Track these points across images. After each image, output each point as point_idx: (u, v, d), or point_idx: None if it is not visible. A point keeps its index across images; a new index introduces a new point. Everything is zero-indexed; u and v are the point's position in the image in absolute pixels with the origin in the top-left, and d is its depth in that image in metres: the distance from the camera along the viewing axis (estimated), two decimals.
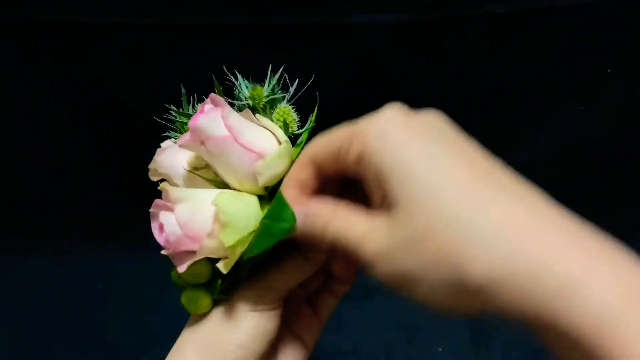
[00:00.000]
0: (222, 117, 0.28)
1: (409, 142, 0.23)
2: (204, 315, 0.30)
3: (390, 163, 0.22)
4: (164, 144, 0.32)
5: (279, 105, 0.32)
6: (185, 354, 0.30)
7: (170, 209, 0.27)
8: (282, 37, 0.50)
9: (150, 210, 0.28)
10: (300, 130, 0.32)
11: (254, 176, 0.28)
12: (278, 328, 0.31)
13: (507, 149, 0.58)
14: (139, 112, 0.56)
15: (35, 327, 0.57)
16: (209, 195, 0.27)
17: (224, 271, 0.27)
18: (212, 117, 0.27)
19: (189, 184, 0.30)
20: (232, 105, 0.31)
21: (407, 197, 0.21)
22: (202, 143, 0.27)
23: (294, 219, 0.26)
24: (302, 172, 0.26)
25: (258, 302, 0.30)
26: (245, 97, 0.31)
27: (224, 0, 0.48)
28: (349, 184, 0.27)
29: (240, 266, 0.28)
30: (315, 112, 0.32)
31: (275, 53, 0.51)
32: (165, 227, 0.27)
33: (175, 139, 0.32)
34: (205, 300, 0.30)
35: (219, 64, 0.55)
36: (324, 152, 0.25)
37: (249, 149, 0.28)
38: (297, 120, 0.32)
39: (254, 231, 0.27)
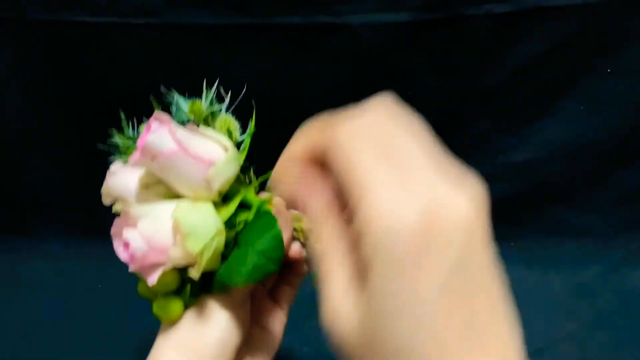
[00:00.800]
0: (170, 132, 0.29)
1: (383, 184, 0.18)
2: (179, 321, 0.32)
3: (355, 196, 0.18)
4: (112, 167, 0.33)
5: (219, 116, 0.33)
6: (165, 357, 0.31)
7: (133, 226, 0.28)
8: (282, 37, 0.50)
9: (112, 231, 0.30)
10: (242, 137, 0.34)
11: (208, 183, 0.29)
12: (249, 321, 0.33)
13: (507, 149, 0.58)
14: (139, 112, 0.55)
15: (35, 327, 0.57)
16: (168, 207, 0.29)
17: (196, 277, 0.29)
18: (160, 134, 0.29)
19: (143, 201, 0.31)
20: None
21: (379, 284, 0.18)
22: (153, 159, 0.29)
23: (281, 261, 0.30)
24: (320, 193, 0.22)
25: (228, 299, 0.31)
26: (185, 114, 0.33)
27: (224, 0, 0.48)
28: None
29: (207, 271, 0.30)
30: (253, 118, 0.33)
31: (275, 53, 0.51)
32: (132, 244, 0.28)
33: (123, 161, 0.34)
34: (177, 307, 0.31)
35: (219, 64, 0.55)
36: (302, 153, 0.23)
37: (199, 159, 0.29)
38: (239, 128, 0.34)
39: (216, 235, 0.29)
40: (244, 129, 0.34)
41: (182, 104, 0.34)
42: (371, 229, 0.18)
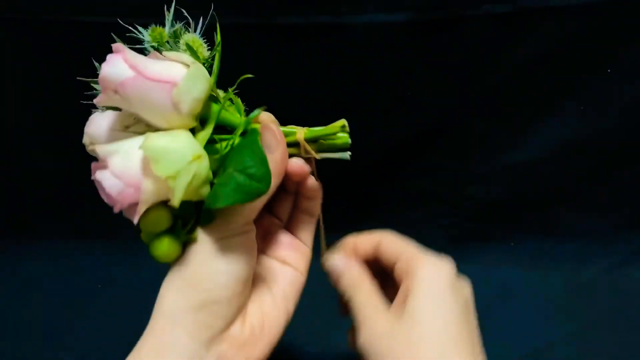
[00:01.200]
0: (125, 60, 0.27)
1: (442, 307, 0.30)
2: (178, 260, 0.30)
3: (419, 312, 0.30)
4: (91, 117, 0.32)
5: (183, 36, 0.31)
6: (170, 295, 0.30)
7: (105, 166, 0.27)
8: (283, 37, 0.50)
9: (92, 177, 0.28)
10: (212, 54, 0.32)
11: (175, 106, 0.27)
12: (256, 251, 0.31)
13: (507, 149, 0.58)
14: None
15: (35, 327, 0.57)
16: (138, 141, 0.27)
17: (176, 205, 0.27)
18: (115, 63, 0.27)
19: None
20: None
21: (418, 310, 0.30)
22: (115, 92, 0.27)
23: (270, 179, 0.27)
24: (365, 243, 0.35)
25: (228, 228, 0.30)
26: (148, 42, 0.31)
27: (224, 0, 0.48)
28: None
29: (199, 203, 0.28)
30: (218, 29, 0.32)
31: (276, 53, 0.51)
32: (104, 183, 0.26)
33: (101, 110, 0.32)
34: (173, 245, 0.29)
35: (219, 64, 0.55)
36: (385, 252, 0.34)
37: (160, 81, 0.27)
38: (205, 45, 0.32)
39: (194, 160, 0.27)
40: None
41: (144, 32, 0.32)
42: (423, 274, 0.31)
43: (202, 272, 0.29)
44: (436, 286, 0.30)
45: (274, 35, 0.50)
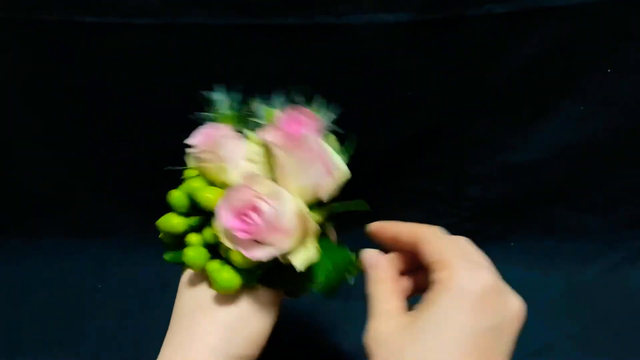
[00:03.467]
0: (318, 134, 0.32)
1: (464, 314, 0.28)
2: (229, 299, 0.33)
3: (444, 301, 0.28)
4: (220, 129, 0.34)
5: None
6: (215, 331, 0.32)
7: (263, 199, 0.30)
8: (282, 37, 0.50)
9: (236, 195, 0.30)
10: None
11: (318, 189, 0.33)
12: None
13: (507, 149, 0.58)
14: (140, 112, 0.56)
15: (35, 327, 0.57)
16: (295, 201, 0.32)
17: (302, 268, 0.31)
18: (311, 132, 0.32)
19: (243, 172, 0.33)
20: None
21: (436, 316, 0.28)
22: (292, 149, 0.31)
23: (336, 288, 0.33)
24: (406, 236, 0.33)
25: (276, 299, 0.34)
26: (262, 118, 0.35)
27: (224, 0, 0.48)
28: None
29: (282, 266, 0.32)
30: (348, 147, 0.35)
31: (276, 53, 0.51)
32: (265, 215, 0.30)
33: (214, 120, 0.35)
34: (236, 282, 0.32)
35: (219, 64, 0.55)
36: (423, 252, 0.32)
37: (327, 168, 0.32)
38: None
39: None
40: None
41: (259, 108, 0.36)
42: (450, 284, 0.28)
43: (248, 327, 0.32)
44: (458, 302, 0.28)
45: (274, 35, 0.50)
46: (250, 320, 0.32)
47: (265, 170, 0.33)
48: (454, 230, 0.41)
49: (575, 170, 0.58)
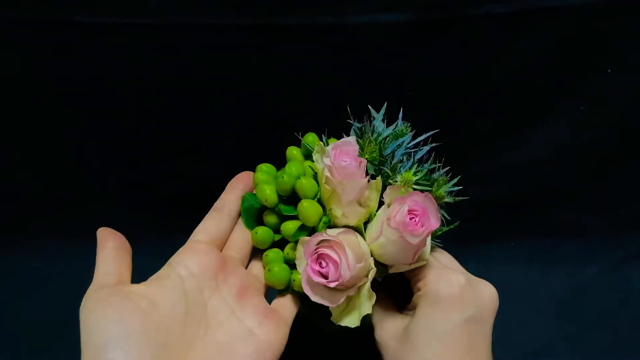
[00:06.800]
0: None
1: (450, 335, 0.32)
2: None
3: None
4: (357, 159, 0.34)
5: (403, 171, 0.37)
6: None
7: (344, 250, 0.31)
8: (282, 37, 0.50)
9: (309, 246, 0.32)
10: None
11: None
12: None
13: (507, 149, 0.58)
14: (140, 112, 0.56)
15: (36, 327, 0.57)
16: (365, 244, 0.34)
17: (356, 325, 0.34)
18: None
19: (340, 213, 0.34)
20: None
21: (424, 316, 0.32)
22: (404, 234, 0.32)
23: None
24: None
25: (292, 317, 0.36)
26: (400, 176, 0.36)
27: (224, 0, 0.48)
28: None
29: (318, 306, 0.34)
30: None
31: (276, 53, 0.51)
32: (343, 267, 0.31)
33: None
34: (286, 274, 0.35)
35: (219, 64, 0.55)
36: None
37: (414, 255, 0.33)
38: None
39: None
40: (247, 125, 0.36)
41: (402, 169, 0.37)
42: (426, 293, 0.32)
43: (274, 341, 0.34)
44: (438, 307, 0.32)
45: (274, 35, 0.50)
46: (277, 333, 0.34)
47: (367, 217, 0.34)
48: (454, 230, 0.41)
49: (575, 170, 0.58)
